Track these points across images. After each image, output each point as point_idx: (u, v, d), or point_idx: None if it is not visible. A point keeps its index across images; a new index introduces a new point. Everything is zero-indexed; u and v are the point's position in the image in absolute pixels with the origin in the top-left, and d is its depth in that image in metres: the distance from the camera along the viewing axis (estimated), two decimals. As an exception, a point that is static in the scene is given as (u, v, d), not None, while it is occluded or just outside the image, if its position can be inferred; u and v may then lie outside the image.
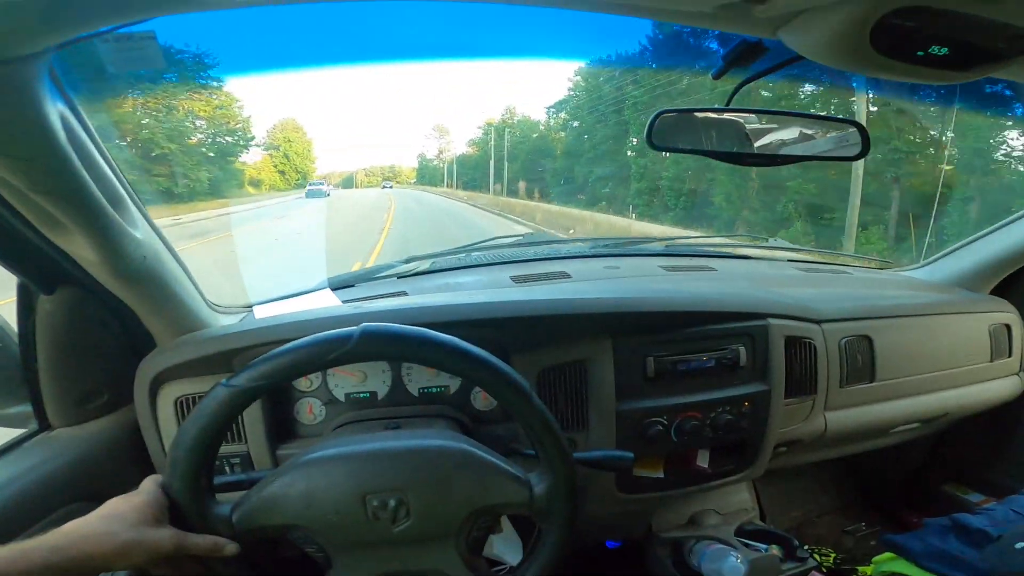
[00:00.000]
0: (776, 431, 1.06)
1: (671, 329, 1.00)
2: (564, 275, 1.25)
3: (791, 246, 1.77)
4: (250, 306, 1.14)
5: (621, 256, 1.49)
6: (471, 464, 0.65)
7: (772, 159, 0.83)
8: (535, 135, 30.58)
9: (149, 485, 0.59)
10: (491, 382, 0.64)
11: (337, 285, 1.24)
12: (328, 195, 28.19)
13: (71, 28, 0.44)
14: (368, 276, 1.31)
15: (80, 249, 0.70)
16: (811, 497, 1.72)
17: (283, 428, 0.93)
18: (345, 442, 0.68)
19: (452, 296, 1.02)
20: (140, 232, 0.75)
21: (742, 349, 1.02)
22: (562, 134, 27.10)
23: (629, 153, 18.16)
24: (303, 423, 0.94)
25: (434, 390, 0.96)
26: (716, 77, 0.76)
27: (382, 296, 1.13)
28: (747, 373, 1.03)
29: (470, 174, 41.52)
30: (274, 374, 0.59)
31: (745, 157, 0.83)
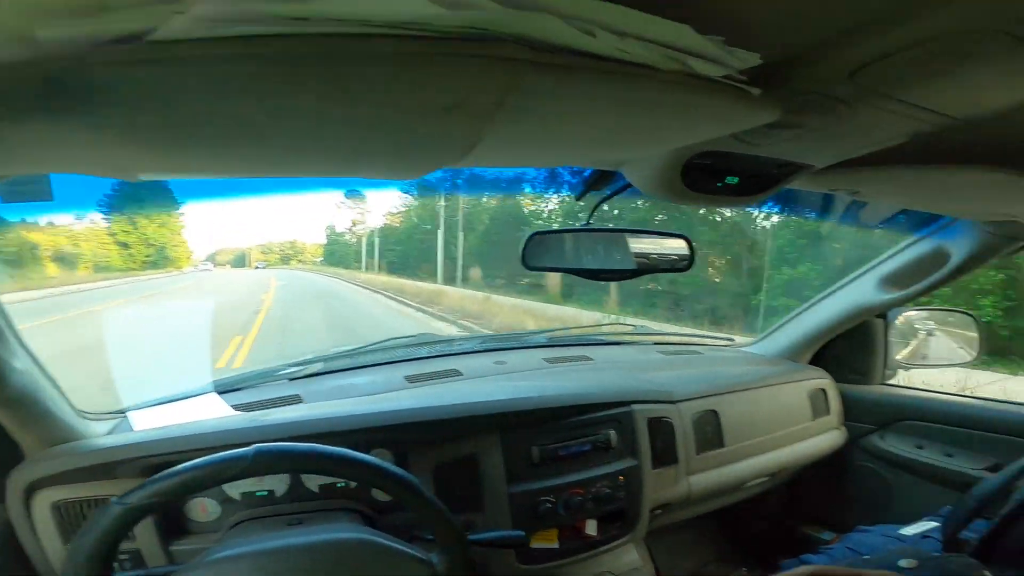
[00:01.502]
0: (649, 497, 1.20)
1: (551, 421, 1.13)
2: (456, 372, 1.35)
3: (655, 331, 2.01)
4: (123, 411, 1.09)
5: (508, 350, 1.61)
6: (373, 552, 0.70)
7: (622, 274, 0.98)
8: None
9: None
10: (383, 483, 0.70)
11: (224, 388, 1.21)
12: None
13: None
14: (258, 378, 1.29)
15: None
16: (696, 549, 1.86)
17: (174, 525, 0.91)
18: (250, 541, 0.70)
19: (349, 404, 1.07)
20: (19, 362, 0.76)
21: (612, 433, 1.17)
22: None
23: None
24: (196, 520, 0.92)
25: (337, 484, 0.98)
26: (579, 198, 0.92)
27: (276, 401, 1.14)
28: (618, 452, 1.18)
29: (397, 251, 30.13)
30: (168, 492, 0.62)
31: (602, 273, 0.98)
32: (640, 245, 0.97)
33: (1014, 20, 0.35)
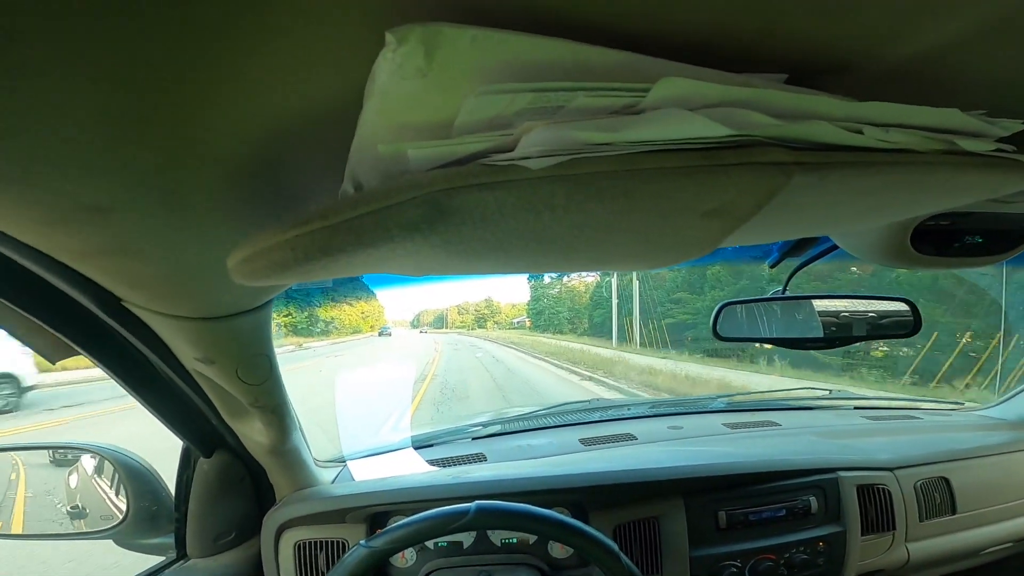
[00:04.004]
0: (855, 564, 1.07)
1: (740, 487, 1.07)
2: (630, 437, 1.34)
3: (857, 395, 1.78)
4: (342, 460, 1.27)
5: (682, 415, 1.56)
6: None
7: (831, 342, 0.90)
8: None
9: None
10: (585, 547, 0.72)
11: (419, 444, 1.36)
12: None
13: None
14: (446, 436, 1.42)
15: (252, 432, 0.87)
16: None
17: (379, 570, 1.02)
18: None
19: (532, 465, 1.12)
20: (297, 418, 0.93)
21: (813, 499, 1.07)
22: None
23: None
24: (396, 567, 1.02)
25: (514, 541, 1.03)
26: (773, 266, 0.88)
27: (464, 458, 1.24)
28: (820, 518, 1.08)
29: (690, 307, 17.46)
30: (406, 539, 0.70)
31: (807, 342, 0.91)
32: (851, 310, 0.90)
33: None
